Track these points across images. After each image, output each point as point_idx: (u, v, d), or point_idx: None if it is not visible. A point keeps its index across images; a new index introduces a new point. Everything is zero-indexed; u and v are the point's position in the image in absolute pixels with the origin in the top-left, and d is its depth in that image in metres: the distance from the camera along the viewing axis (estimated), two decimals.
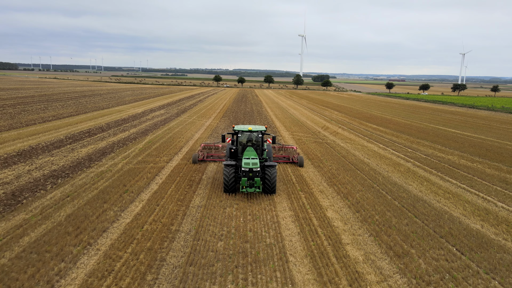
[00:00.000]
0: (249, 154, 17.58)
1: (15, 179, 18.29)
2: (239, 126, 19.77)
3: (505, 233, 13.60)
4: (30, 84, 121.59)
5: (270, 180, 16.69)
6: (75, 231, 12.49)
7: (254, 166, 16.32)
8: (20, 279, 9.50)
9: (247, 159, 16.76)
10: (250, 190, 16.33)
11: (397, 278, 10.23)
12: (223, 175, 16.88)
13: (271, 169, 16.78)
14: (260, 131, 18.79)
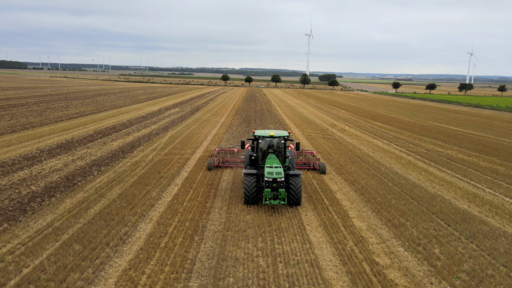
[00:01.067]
0: (271, 162, 16.24)
1: (64, 167, 21.10)
2: (259, 131, 18.35)
3: (487, 212, 16.03)
4: (43, 83, 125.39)
5: (294, 191, 15.38)
6: (128, 206, 15.20)
7: (278, 176, 15.03)
8: (98, 237, 12.21)
9: (270, 168, 15.57)
10: (274, 203, 14.94)
11: (393, 241, 12.76)
12: (244, 186, 15.59)
13: (296, 179, 15.49)
14: (283, 136, 17.51)
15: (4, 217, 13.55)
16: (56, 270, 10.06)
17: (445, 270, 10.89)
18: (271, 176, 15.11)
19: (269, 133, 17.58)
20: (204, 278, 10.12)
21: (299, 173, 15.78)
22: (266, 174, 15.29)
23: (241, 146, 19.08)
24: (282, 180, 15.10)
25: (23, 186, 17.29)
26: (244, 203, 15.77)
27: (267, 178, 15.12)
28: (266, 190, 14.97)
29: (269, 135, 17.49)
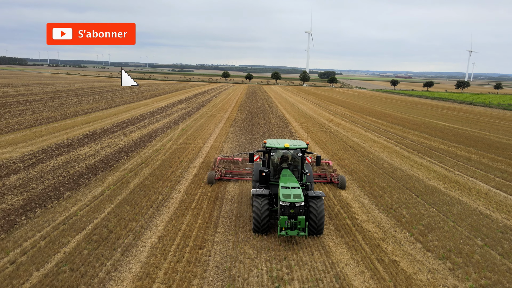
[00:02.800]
0: (287, 180, 13.33)
1: (96, 153, 24.58)
2: (271, 141, 15.19)
3: (452, 188, 19.57)
4: (48, 80, 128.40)
5: (316, 218, 12.47)
6: (159, 181, 18.71)
7: (297, 200, 12.09)
8: (142, 201, 15.72)
9: (286, 189, 12.59)
10: (292, 233, 11.90)
11: (372, 206, 16.29)
12: (253, 210, 12.77)
13: (317, 202, 12.58)
14: (300, 148, 14.31)
15: (65, 188, 17.07)
16: (118, 221, 13.58)
17: (407, 223, 14.43)
18: (287, 200, 12.05)
19: (284, 144, 14.24)
20: (227, 227, 13.64)
21: (321, 195, 12.81)
22: (282, 197, 12.23)
23: (250, 159, 14.99)
24: (302, 205, 12.11)
25: (68, 167, 20.78)
26: (254, 231, 12.80)
27: (283, 203, 12.07)
28: (281, 218, 11.98)
29: (283, 146, 14.17)
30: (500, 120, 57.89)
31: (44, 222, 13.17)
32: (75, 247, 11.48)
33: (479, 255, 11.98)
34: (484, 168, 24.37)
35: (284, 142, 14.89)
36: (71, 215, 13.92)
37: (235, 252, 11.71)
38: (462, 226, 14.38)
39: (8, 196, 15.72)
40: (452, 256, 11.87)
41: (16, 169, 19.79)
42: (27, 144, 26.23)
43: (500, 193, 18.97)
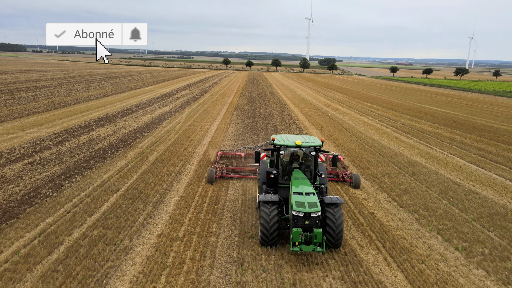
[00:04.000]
0: (299, 184, 11.50)
1: (114, 133, 27.16)
2: (280, 137, 13.13)
3: (431, 162, 22.24)
4: (51, 67, 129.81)
5: (334, 228, 10.78)
6: (174, 156, 21.35)
7: (312, 210, 10.32)
8: (162, 171, 18.38)
9: (299, 196, 10.83)
10: (307, 249, 10.16)
11: (362, 179, 18.96)
12: (261, 220, 10.93)
13: (335, 210, 10.89)
14: (313, 146, 12.23)
15: (94, 160, 19.74)
16: (145, 185, 16.27)
17: (388, 188, 17.14)
18: (301, 210, 10.28)
19: (295, 141, 12.29)
20: (236, 190, 16.33)
21: (339, 201, 10.99)
22: (295, 205, 10.44)
23: (255, 159, 13.03)
24: (319, 216, 10.34)
25: (91, 145, 23.40)
26: (261, 243, 11.10)
27: (296, 213, 10.31)
28: (294, 231, 10.23)
29: (294, 144, 12.21)
30: (491, 105, 60.32)
31: (84, 185, 15.87)
32: (114, 202, 14.18)
33: (442, 210, 14.71)
34: (464, 146, 27.02)
35: (295, 138, 12.76)
36: (105, 181, 16.60)
37: (243, 206, 14.41)
38: (433, 190, 17.09)
39: (48, 166, 18.39)
40: (420, 210, 14.60)
41: (47, 146, 22.42)
42: (50, 125, 28.78)
43: (473, 167, 21.67)
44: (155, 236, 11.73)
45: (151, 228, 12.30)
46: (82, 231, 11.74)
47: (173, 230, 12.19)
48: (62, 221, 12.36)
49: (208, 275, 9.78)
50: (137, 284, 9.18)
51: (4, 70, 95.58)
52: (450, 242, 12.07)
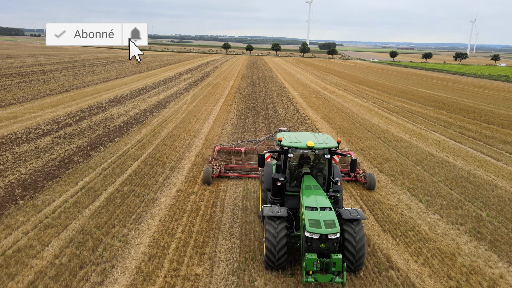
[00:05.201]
0: (311, 194, 9.45)
1: (126, 113, 29.55)
2: (288, 135, 11.05)
3: (414, 138, 24.73)
4: (52, 51, 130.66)
5: (354, 250, 8.76)
6: (183, 132, 23.82)
7: (330, 231, 8.23)
8: (174, 144, 20.89)
9: (313, 212, 8.73)
10: (324, 279, 8.13)
11: (347, 147, 21.51)
12: (266, 240, 8.94)
13: (356, 227, 8.89)
14: (328, 148, 10.08)
15: (113, 135, 22.24)
16: (160, 154, 18.80)
17: (372, 158, 19.69)
18: (317, 231, 8.24)
19: (306, 143, 10.12)
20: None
21: (359, 216, 9.02)
22: (308, 225, 8.38)
23: (259, 163, 10.75)
24: (337, 238, 8.32)
25: (107, 123, 25.83)
26: (266, 267, 9.28)
27: (309, 234, 8.27)
28: (308, 258, 8.18)
29: (305, 145, 10.07)
30: (483, 89, 62.47)
31: (109, 154, 18.41)
32: (137, 167, 16.73)
33: (415, 174, 17.29)
34: (447, 125, 29.49)
35: (306, 138, 10.60)
36: (126, 151, 19.13)
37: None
38: (411, 159, 19.64)
39: (74, 139, 20.89)
40: (396, 174, 17.17)
41: (68, 123, 24.88)
42: (65, 106, 31.15)
43: (451, 141, 24.19)
44: (175, 191, 14.32)
45: (170, 185, 14.88)
46: (115, 187, 14.32)
47: (189, 187, 14.78)
48: (96, 180, 14.94)
49: (219, 217, 12.39)
50: (165, 222, 11.80)
51: (8, 55, 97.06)
52: (416, 196, 14.68)
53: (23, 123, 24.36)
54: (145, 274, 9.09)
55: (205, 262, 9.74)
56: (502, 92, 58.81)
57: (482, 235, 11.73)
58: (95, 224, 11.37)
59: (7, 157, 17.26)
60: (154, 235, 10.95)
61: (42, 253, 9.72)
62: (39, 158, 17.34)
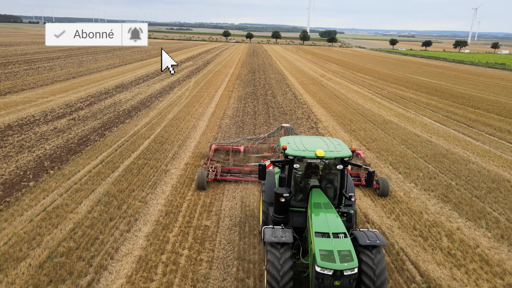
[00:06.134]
0: (321, 214, 7.89)
1: (133, 98, 31.28)
2: (293, 140, 9.28)
3: (403, 121, 26.54)
4: None
5: (373, 285, 7.11)
6: (188, 115, 25.62)
7: (347, 266, 6.75)
8: (180, 125, 22.72)
9: (324, 239, 7.26)
10: None
11: (340, 130, 23.35)
12: (268, 273, 7.25)
13: (375, 256, 7.30)
14: (341, 157, 8.42)
15: (123, 117, 24.06)
16: (168, 134, 20.65)
17: (361, 138, 21.55)
18: (330, 266, 6.77)
19: (315, 151, 8.40)
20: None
21: (379, 242, 7.37)
22: (319, 258, 6.90)
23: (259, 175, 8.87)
24: (355, 274, 6.85)
25: (116, 107, 27.60)
26: None
27: (320, 269, 6.81)
28: None
29: (314, 154, 8.36)
30: (478, 76, 63.96)
31: (122, 134, 20.26)
32: (148, 145, 18.60)
33: (399, 151, 19.17)
34: (436, 110, 31.27)
35: (314, 144, 8.93)
36: (136, 131, 20.98)
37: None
38: (397, 139, 21.51)
39: (87, 121, 22.72)
40: (382, 151, 19.06)
41: (80, 107, 26.66)
42: (75, 92, 32.85)
43: (436, 124, 26.01)
44: (183, 164, 16.22)
45: (179, 160, 16.77)
46: (130, 160, 16.22)
47: (195, 161, 16.67)
48: (114, 155, 16.83)
49: (223, 184, 14.32)
50: (176, 188, 13.72)
51: (10, 42, 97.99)
52: (397, 169, 16.59)
53: (38, 107, 26.14)
54: (163, 225, 11.04)
55: (212, 217, 11.69)
56: (496, 79, 60.33)
57: (448, 198, 13.68)
58: (117, 189, 13.29)
59: (30, 136, 19.12)
60: (168, 197, 12.89)
61: (77, 210, 11.67)
62: (59, 137, 19.20)
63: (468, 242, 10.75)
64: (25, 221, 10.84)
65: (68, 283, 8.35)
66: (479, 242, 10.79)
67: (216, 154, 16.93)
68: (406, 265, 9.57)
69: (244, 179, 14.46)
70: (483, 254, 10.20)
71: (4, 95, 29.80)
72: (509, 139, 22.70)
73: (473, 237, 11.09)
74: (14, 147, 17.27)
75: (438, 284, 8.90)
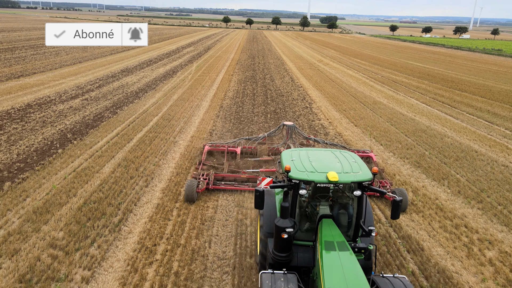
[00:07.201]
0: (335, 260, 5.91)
1: (138, 81, 33.14)
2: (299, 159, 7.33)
3: (391, 102, 28.50)
4: None
5: None
6: (191, 96, 27.55)
7: None
8: (184, 105, 24.69)
9: None
10: None
11: (332, 110, 25.33)
12: None
13: None
14: (359, 182, 6.67)
15: (132, 98, 26.03)
16: (174, 112, 22.66)
17: (351, 116, 23.56)
18: None
19: (327, 174, 6.61)
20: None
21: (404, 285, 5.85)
22: None
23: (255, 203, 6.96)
24: None
25: (123, 89, 29.50)
26: None
27: None
28: None
29: (325, 178, 6.59)
30: (472, 62, 65.48)
31: (132, 112, 22.28)
32: (157, 121, 20.63)
33: (383, 127, 21.21)
34: (424, 92, 33.17)
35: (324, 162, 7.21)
36: (145, 110, 22.98)
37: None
38: (383, 117, 23.52)
39: (99, 101, 24.70)
40: (368, 127, 21.10)
41: (90, 89, 28.59)
42: (83, 75, 34.69)
43: (423, 105, 27.98)
44: (190, 136, 18.30)
45: (186, 133, 18.84)
46: (142, 133, 18.29)
47: (200, 133, 18.74)
48: (127, 129, 18.89)
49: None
50: (185, 154, 15.82)
51: (12, 28, 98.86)
52: (379, 142, 18.66)
53: (52, 88, 28.07)
54: (175, 182, 13.17)
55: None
56: (489, 65, 61.90)
57: (420, 164, 15.80)
58: (133, 155, 15.39)
59: (50, 114, 21.15)
60: (178, 162, 15.00)
61: (101, 170, 13.79)
62: (76, 114, 21.22)
63: (430, 196, 12.90)
64: (60, 178, 12.97)
65: (103, 220, 10.51)
66: (439, 196, 12.94)
67: (209, 157, 14.91)
68: (375, 211, 11.73)
69: (240, 188, 12.56)
70: (440, 203, 12.36)
71: (18, 78, 31.67)
72: (487, 117, 24.73)
73: (434, 192, 13.24)
74: (38, 123, 19.31)
75: (399, 223, 11.07)
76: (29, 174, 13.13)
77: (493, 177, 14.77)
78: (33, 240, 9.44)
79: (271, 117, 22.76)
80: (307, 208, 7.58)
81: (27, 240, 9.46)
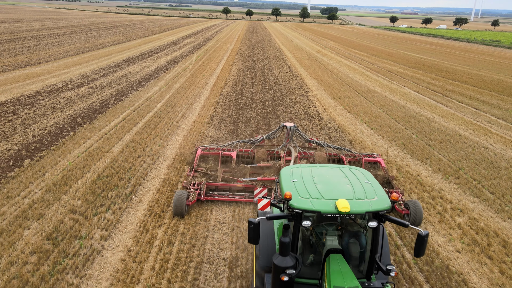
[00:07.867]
0: None
1: (141, 71, 34.17)
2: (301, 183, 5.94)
3: (385, 90, 29.57)
4: (54, 15, 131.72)
5: None
6: (193, 85, 28.64)
7: None
8: (186, 93, 25.79)
9: None
10: None
11: (326, 96, 26.43)
12: None
13: None
14: (374, 212, 5.37)
15: (136, 86, 27.12)
16: (176, 100, 23.77)
17: (345, 104, 24.68)
18: None
19: (336, 203, 5.37)
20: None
21: None
22: None
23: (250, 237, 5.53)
24: None
25: (128, 77, 30.56)
26: None
27: None
28: None
29: (335, 209, 5.33)
30: (469, 53, 66.28)
31: (136, 99, 23.40)
32: (160, 107, 21.76)
33: (375, 114, 22.36)
34: (418, 81, 34.22)
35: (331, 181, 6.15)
36: (149, 97, 24.10)
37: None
38: (376, 105, 24.65)
39: (104, 89, 25.80)
40: (361, 114, 22.24)
41: (95, 78, 29.65)
42: (87, 65, 35.69)
43: (415, 93, 29.08)
44: (192, 121, 19.47)
45: (188, 118, 20.00)
46: (147, 118, 19.45)
47: (202, 119, 19.90)
48: (132, 114, 20.05)
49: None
50: (187, 136, 17.02)
51: (13, 19, 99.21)
52: (370, 126, 19.83)
53: (58, 77, 29.14)
54: (179, 160, 14.38)
55: None
56: (485, 55, 62.74)
57: (406, 146, 16.99)
58: (140, 137, 16.58)
59: (59, 100, 22.28)
60: (181, 143, 16.20)
61: (111, 150, 14.99)
62: (83, 101, 22.35)
63: (412, 173, 14.12)
64: (74, 156, 14.18)
65: (116, 191, 11.74)
66: (420, 173, 14.17)
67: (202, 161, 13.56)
68: None
69: (234, 199, 11.38)
70: (420, 179, 13.58)
71: (24, 67, 32.70)
72: (475, 105, 25.86)
73: (416, 169, 14.46)
74: (48, 108, 20.46)
75: None
76: (45, 153, 14.34)
77: (473, 157, 15.98)
78: (55, 207, 10.68)
79: (268, 104, 23.87)
80: (311, 237, 6.25)
81: (50, 207, 10.70)
